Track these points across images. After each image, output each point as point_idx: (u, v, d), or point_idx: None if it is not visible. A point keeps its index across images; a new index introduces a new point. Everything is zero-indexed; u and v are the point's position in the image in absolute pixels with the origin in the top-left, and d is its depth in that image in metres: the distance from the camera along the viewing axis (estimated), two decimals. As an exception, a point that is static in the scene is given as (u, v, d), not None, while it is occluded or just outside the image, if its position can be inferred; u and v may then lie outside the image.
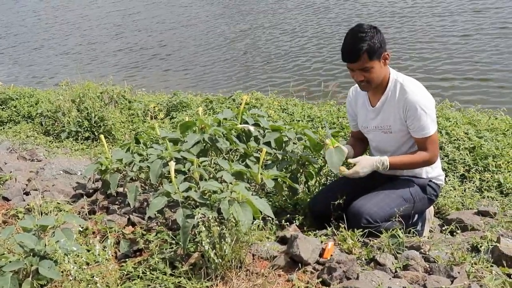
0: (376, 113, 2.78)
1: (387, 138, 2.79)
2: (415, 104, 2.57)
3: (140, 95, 7.54)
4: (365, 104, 2.87)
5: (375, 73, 2.61)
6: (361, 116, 2.92)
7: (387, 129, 2.75)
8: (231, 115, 3.20)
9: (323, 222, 2.78)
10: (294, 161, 3.04)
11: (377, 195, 2.70)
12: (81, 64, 12.18)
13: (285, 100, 6.49)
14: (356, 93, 2.96)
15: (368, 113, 2.85)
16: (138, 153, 3.07)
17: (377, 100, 2.76)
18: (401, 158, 2.72)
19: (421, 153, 2.69)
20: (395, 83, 2.68)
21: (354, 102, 2.99)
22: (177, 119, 6.26)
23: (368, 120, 2.86)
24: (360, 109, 2.92)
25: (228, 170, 2.65)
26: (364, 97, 2.88)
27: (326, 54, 10.04)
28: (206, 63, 11.05)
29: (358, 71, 2.61)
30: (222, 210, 2.21)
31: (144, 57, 12.36)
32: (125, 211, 2.94)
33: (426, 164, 2.74)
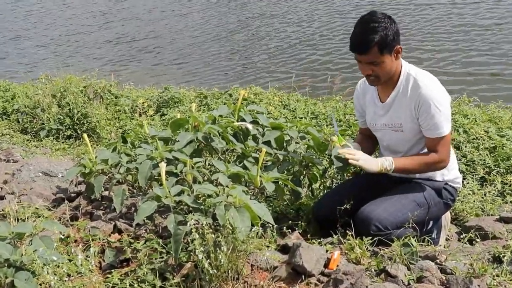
0: (386, 109, 2.78)
1: (398, 137, 2.78)
2: (428, 100, 2.57)
3: (128, 90, 7.54)
4: (373, 99, 2.87)
5: (385, 68, 2.60)
6: (369, 112, 2.91)
7: (398, 127, 2.75)
8: (227, 111, 3.20)
9: (329, 229, 2.78)
10: (296, 162, 3.03)
11: (388, 199, 2.70)
12: (62, 57, 12.18)
13: (287, 96, 6.49)
14: (364, 87, 2.96)
15: (377, 109, 2.84)
16: (125, 153, 3.06)
17: (387, 95, 2.76)
18: (407, 160, 2.71)
19: (430, 155, 2.68)
20: (407, 77, 2.68)
21: (362, 96, 2.98)
22: (168, 116, 6.26)
23: (376, 117, 2.85)
24: (368, 105, 2.92)
25: (224, 172, 2.65)
26: (373, 91, 2.88)
27: (333, 45, 10.05)
28: (201, 56, 11.06)
29: (366, 64, 2.60)
30: (217, 216, 2.21)
31: (133, 49, 12.37)
32: (111, 217, 2.93)
33: (434, 168, 2.73)
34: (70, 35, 14.44)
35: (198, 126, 2.97)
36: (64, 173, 3.73)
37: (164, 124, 6.02)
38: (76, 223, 2.86)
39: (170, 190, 2.44)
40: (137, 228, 2.76)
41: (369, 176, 2.97)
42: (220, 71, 10.07)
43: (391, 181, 2.87)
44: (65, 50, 13.14)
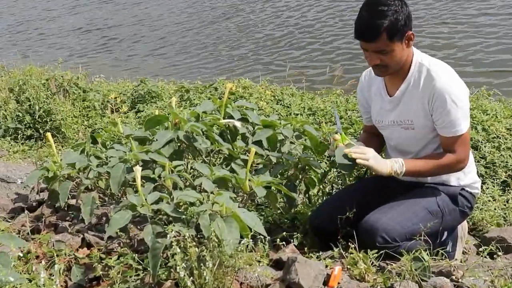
0: (395, 104, 2.78)
1: (408, 136, 2.79)
2: (444, 94, 2.58)
3: (98, 83, 7.50)
4: (380, 93, 2.87)
5: (395, 57, 2.61)
6: (375, 107, 2.92)
7: (408, 124, 2.75)
8: (212, 107, 3.20)
9: (328, 241, 2.78)
10: (291, 164, 3.03)
11: (396, 207, 2.71)
12: (21, 46, 12.11)
13: (280, 89, 6.49)
14: (369, 78, 2.97)
15: (384, 103, 2.85)
16: (95, 156, 3.05)
17: (396, 88, 2.76)
18: (419, 162, 2.72)
19: (446, 156, 2.69)
20: (419, 68, 2.68)
21: (367, 89, 2.99)
22: (145, 112, 6.25)
23: (383, 113, 2.86)
24: (374, 98, 2.92)
25: (209, 177, 2.65)
26: (379, 83, 2.88)
27: (333, 32, 10.09)
28: (183, 45, 11.05)
29: (374, 53, 2.60)
30: (201, 226, 2.20)
31: (104, 37, 12.33)
32: (79, 229, 2.92)
33: (451, 170, 2.74)
34: (31, 21, 14.38)
35: (179, 124, 2.97)
36: (24, 179, 3.71)
37: (140, 122, 6.00)
38: (38, 237, 2.84)
39: (147, 198, 2.43)
40: (109, 242, 2.75)
41: (374, 180, 2.98)
42: (204, 62, 10.07)
43: (400, 186, 2.88)
44: (23, 38, 13.07)
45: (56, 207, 3.17)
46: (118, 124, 3.23)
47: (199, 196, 2.38)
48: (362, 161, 2.63)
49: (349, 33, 9.70)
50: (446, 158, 2.69)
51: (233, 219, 2.23)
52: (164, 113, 5.81)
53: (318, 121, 5.34)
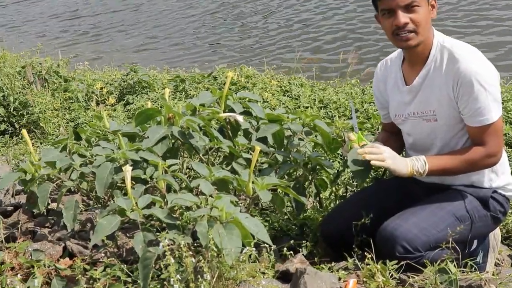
0: (414, 93, 2.78)
1: (431, 130, 2.78)
2: (470, 77, 2.57)
3: (82, 72, 7.52)
4: (397, 84, 2.87)
5: (423, 16, 2.61)
6: (393, 102, 2.92)
7: (431, 115, 2.74)
8: (210, 99, 3.20)
9: (342, 250, 2.79)
10: (300, 164, 3.04)
11: (419, 212, 2.71)
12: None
13: (287, 79, 6.49)
14: (386, 69, 2.97)
15: (402, 95, 2.84)
16: (78, 154, 3.06)
17: (415, 75, 2.76)
18: (444, 158, 2.70)
19: (474, 149, 2.68)
20: (441, 50, 2.68)
21: (383, 82, 2.98)
22: (135, 105, 6.26)
23: (402, 106, 2.85)
24: (391, 92, 2.92)
25: (207, 178, 2.65)
26: (396, 73, 2.88)
27: (347, 13, 10.07)
28: (178, 30, 11.04)
29: (401, 10, 2.60)
30: (198, 234, 2.21)
31: (89, 22, 12.32)
32: (60, 236, 2.92)
33: (481, 166, 2.72)
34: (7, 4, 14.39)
35: (173, 119, 2.97)
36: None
37: (129, 116, 6.01)
38: (13, 246, 2.85)
39: (137, 201, 2.44)
40: (94, 251, 2.75)
41: (394, 181, 2.98)
42: (201, 47, 10.07)
43: (423, 188, 2.88)
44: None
45: (34, 213, 3.17)
46: (104, 118, 3.23)
47: (196, 199, 2.38)
48: (377, 163, 2.62)
49: (365, 14, 9.69)
50: (475, 152, 2.67)
51: (234, 226, 2.23)
52: (156, 105, 5.83)
53: (330, 115, 5.35)
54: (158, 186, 2.72)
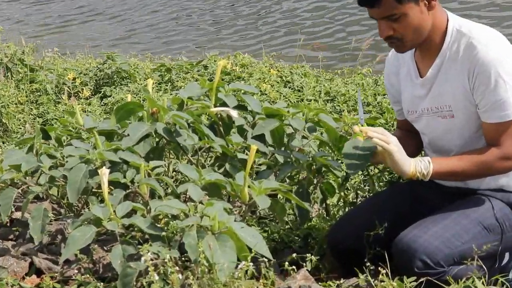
0: (428, 86, 2.77)
1: (447, 128, 2.77)
2: (488, 66, 2.56)
3: (51, 60, 7.51)
4: (410, 75, 2.86)
5: (411, 24, 2.59)
6: (406, 96, 2.91)
7: (447, 111, 2.74)
8: (200, 92, 3.20)
9: (352, 265, 2.78)
10: (303, 166, 3.04)
11: (440, 221, 2.71)
12: None
13: (289, 68, 6.49)
14: (397, 58, 2.95)
15: (415, 88, 2.84)
16: (47, 155, 3.05)
17: (429, 65, 2.76)
18: (452, 161, 2.68)
19: (490, 151, 2.65)
20: (457, 36, 2.67)
21: (395, 73, 2.98)
22: (113, 98, 6.25)
23: (415, 100, 2.85)
24: (404, 85, 2.91)
25: (197, 182, 2.65)
26: (409, 63, 2.87)
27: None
28: (164, 13, 11.04)
29: (383, 22, 2.61)
30: (186, 246, 2.21)
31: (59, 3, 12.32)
32: (26, 250, 2.92)
33: (495, 171, 2.68)
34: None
35: (158, 114, 2.97)
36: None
37: (106, 111, 6.01)
38: (-28, 260, 2.85)
39: (116, 209, 2.44)
40: (66, 267, 2.75)
41: (411, 185, 2.98)
42: (190, 33, 10.06)
43: (444, 193, 2.88)
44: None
45: (-5, 223, 3.17)
46: (77, 113, 3.23)
47: (183, 207, 2.38)
48: (379, 142, 2.57)
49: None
50: (489, 153, 2.64)
51: (228, 237, 2.24)
52: (138, 99, 5.83)
53: (338, 109, 5.35)
54: (140, 191, 2.72)
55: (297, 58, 7.43)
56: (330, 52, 8.36)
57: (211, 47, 9.11)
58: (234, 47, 9.02)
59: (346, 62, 7.46)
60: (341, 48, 8.39)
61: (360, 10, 9.38)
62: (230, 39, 9.55)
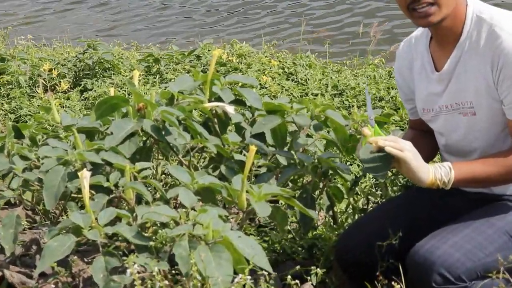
0: (445, 81, 2.77)
1: (468, 126, 2.76)
2: None
3: (24, 48, 7.51)
4: (425, 70, 2.85)
5: None
6: (420, 93, 2.90)
7: (467, 108, 2.73)
8: (192, 85, 3.21)
9: (362, 279, 2.80)
10: (307, 168, 3.04)
11: (460, 230, 2.71)
12: None
13: (292, 58, 6.50)
14: (410, 50, 2.94)
15: (430, 84, 2.83)
16: (20, 156, 3.06)
17: (446, 57, 2.75)
18: (475, 165, 2.68)
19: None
20: (477, 23, 2.67)
21: (408, 67, 2.97)
22: (94, 92, 6.25)
23: (431, 98, 2.84)
24: (418, 80, 2.91)
25: (189, 186, 2.65)
26: (423, 55, 2.86)
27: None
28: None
29: None
30: (177, 258, 2.21)
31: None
32: (-3, 262, 2.93)
33: None
34: None
35: (145, 110, 2.98)
36: None
37: (88, 106, 6.01)
38: None
39: (98, 217, 2.44)
40: (42, 281, 2.76)
41: (428, 190, 2.98)
42: (181, 18, 10.07)
43: (465, 199, 2.88)
44: None
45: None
46: (54, 108, 3.23)
47: (174, 213, 2.38)
48: (393, 150, 2.54)
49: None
50: None
51: (223, 248, 2.24)
52: (122, 93, 5.83)
53: (346, 105, 5.36)
54: (125, 196, 2.72)
55: (300, 47, 7.45)
56: (338, 40, 8.36)
57: (203, 35, 9.13)
58: (227, 33, 9.05)
59: (356, 51, 7.46)
60: (349, 36, 8.40)
61: None
62: (226, 25, 9.57)
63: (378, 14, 8.88)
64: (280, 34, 8.74)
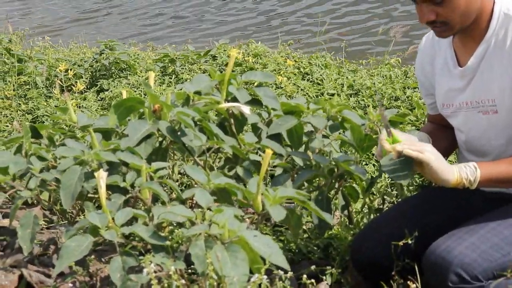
0: (468, 77, 2.76)
1: (489, 125, 2.76)
2: None
3: (41, 49, 7.54)
4: (447, 65, 2.85)
5: (456, 7, 2.58)
6: (441, 89, 2.90)
7: (489, 106, 2.73)
8: (208, 85, 3.19)
9: (377, 278, 2.80)
10: (324, 169, 3.03)
11: (478, 230, 2.70)
12: None
13: (308, 58, 6.50)
14: (433, 45, 2.95)
15: (452, 79, 2.83)
16: (38, 156, 3.06)
17: (470, 54, 2.75)
18: (501, 165, 2.66)
19: None
20: (504, 21, 2.66)
21: (430, 62, 2.97)
22: (111, 92, 6.27)
23: (452, 93, 2.84)
24: (439, 76, 2.90)
25: (205, 186, 2.66)
26: (446, 51, 2.86)
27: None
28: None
29: (425, 4, 2.60)
30: (193, 257, 2.21)
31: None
32: (14, 262, 2.94)
33: None
34: None
35: (161, 111, 2.98)
36: None
37: (104, 107, 6.03)
38: (-45, 273, 2.87)
39: (115, 217, 2.45)
40: (60, 280, 2.76)
41: (444, 190, 2.98)
42: (196, 18, 10.07)
43: (482, 199, 2.88)
44: None
45: (-19, 231, 3.19)
46: (70, 109, 3.24)
47: (190, 213, 2.39)
48: (413, 153, 2.52)
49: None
50: None
51: (239, 247, 2.24)
52: (138, 93, 5.85)
53: (362, 105, 5.35)
54: (141, 196, 2.73)
55: (318, 47, 7.44)
56: (356, 40, 8.35)
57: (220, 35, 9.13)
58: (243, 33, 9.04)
59: (373, 50, 7.46)
60: (368, 35, 8.38)
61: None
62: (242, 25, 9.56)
63: (397, 14, 8.86)
64: (297, 34, 8.73)
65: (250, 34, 9.10)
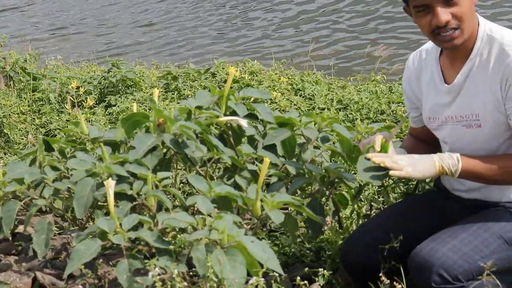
0: (454, 94, 2.77)
1: (473, 137, 2.76)
2: None
3: (54, 68, 7.54)
4: (434, 82, 2.85)
5: (467, 9, 2.57)
6: (428, 103, 2.90)
7: (473, 120, 2.73)
8: (209, 100, 3.20)
9: (366, 279, 2.79)
10: (315, 177, 3.03)
11: (459, 234, 2.69)
12: None
13: (300, 75, 6.50)
14: (420, 62, 2.95)
15: (439, 96, 2.83)
16: (51, 167, 3.05)
17: (456, 71, 2.75)
18: (483, 161, 2.67)
19: None
20: (488, 41, 2.66)
21: (416, 78, 2.97)
22: (118, 108, 6.27)
23: (438, 108, 2.84)
24: (426, 91, 2.90)
25: (206, 194, 2.65)
26: (433, 68, 2.86)
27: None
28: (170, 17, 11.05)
29: (440, 6, 2.57)
30: (194, 261, 2.21)
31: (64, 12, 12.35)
32: (29, 266, 2.92)
33: None
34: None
35: (165, 125, 2.98)
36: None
37: (111, 120, 6.03)
38: (-27, 276, 2.85)
39: (122, 222, 2.44)
40: (70, 282, 2.76)
41: (428, 197, 2.97)
42: (197, 37, 10.07)
43: (463, 206, 2.87)
44: None
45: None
46: (82, 122, 3.23)
47: (192, 220, 2.38)
48: (395, 172, 2.59)
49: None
50: None
51: (237, 251, 2.24)
52: (143, 108, 5.84)
53: (350, 118, 5.35)
54: (147, 203, 2.72)
55: (308, 64, 7.44)
56: (343, 58, 8.36)
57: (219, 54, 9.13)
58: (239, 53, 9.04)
59: (360, 67, 7.47)
60: (355, 55, 8.39)
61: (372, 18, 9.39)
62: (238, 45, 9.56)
63: (384, 34, 8.86)
64: (289, 53, 8.73)
65: (243, 51, 9.11)
